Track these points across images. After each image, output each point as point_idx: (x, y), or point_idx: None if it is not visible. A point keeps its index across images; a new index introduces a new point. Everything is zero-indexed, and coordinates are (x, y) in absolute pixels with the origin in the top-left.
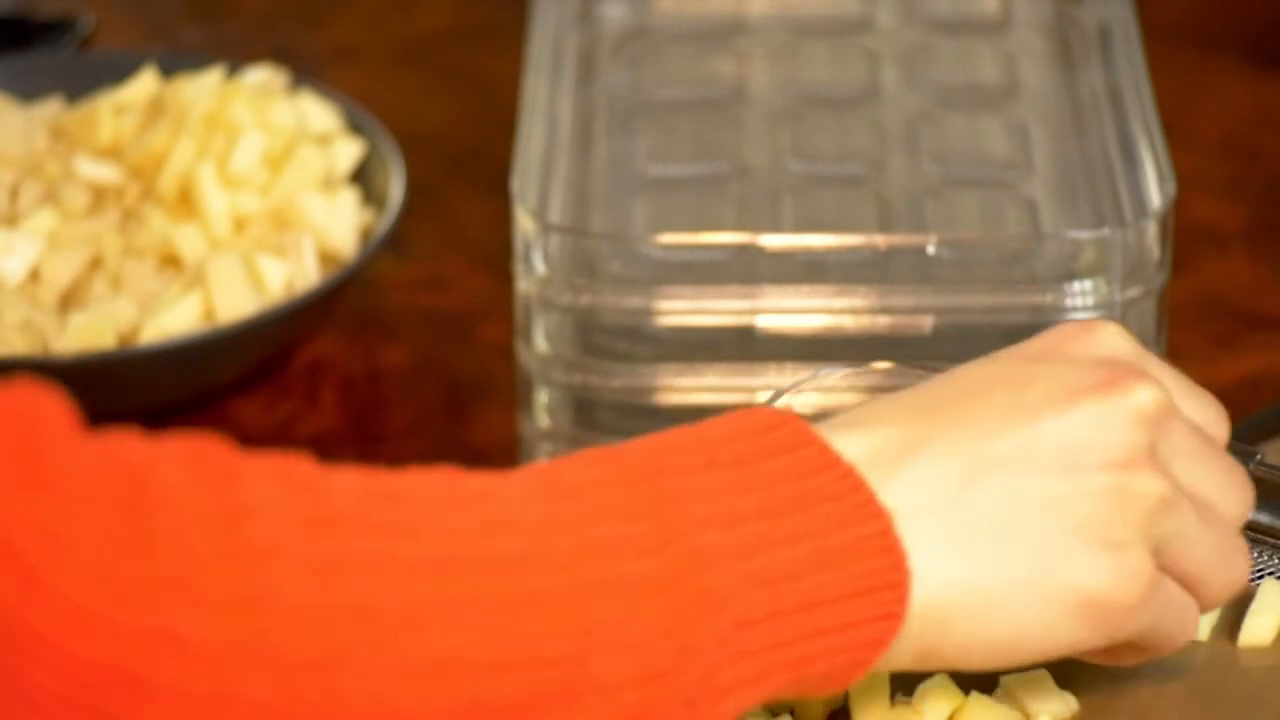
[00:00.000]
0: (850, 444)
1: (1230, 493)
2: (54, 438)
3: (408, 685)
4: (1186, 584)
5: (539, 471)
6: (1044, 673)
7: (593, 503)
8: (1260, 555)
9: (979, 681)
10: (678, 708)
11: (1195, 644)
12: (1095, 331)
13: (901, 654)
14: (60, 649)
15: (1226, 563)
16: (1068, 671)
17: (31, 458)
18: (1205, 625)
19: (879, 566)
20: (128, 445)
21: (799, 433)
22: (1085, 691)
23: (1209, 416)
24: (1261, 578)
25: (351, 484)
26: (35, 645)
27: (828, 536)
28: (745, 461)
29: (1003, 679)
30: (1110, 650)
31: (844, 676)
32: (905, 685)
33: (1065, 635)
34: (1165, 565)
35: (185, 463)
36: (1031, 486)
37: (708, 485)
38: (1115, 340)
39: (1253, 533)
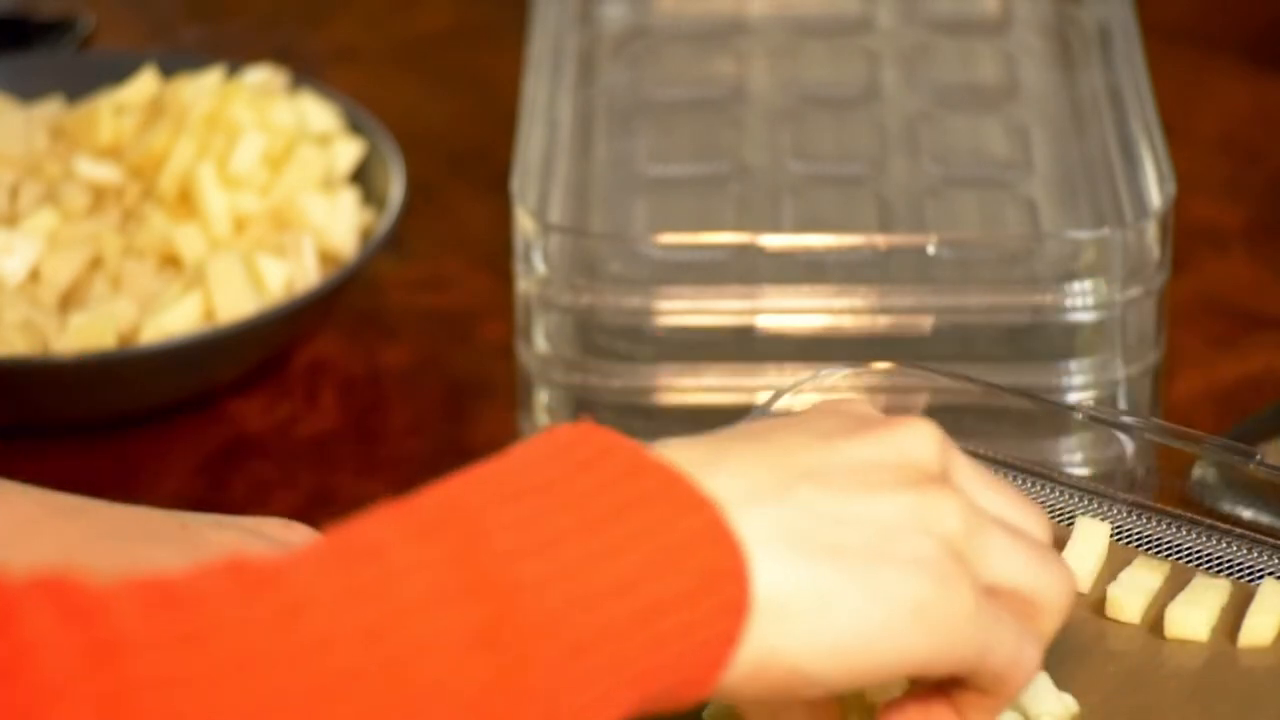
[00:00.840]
0: (657, 453)
1: (1028, 512)
2: None
3: None
4: (1016, 602)
5: (331, 540)
6: (1043, 674)
7: (393, 563)
8: (1260, 555)
9: None
10: None
11: (1195, 644)
12: (851, 402)
13: (744, 660)
14: None
15: (1046, 572)
16: (1068, 671)
17: None
18: (1205, 625)
19: (714, 557)
20: None
21: (604, 441)
22: (1085, 691)
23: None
24: (1261, 578)
25: (129, 598)
26: None
27: (654, 539)
28: (552, 484)
29: None
30: (961, 706)
31: (696, 683)
32: None
33: (905, 641)
34: (989, 586)
35: None
36: (844, 497)
37: (514, 516)
38: (870, 409)
39: (1253, 533)
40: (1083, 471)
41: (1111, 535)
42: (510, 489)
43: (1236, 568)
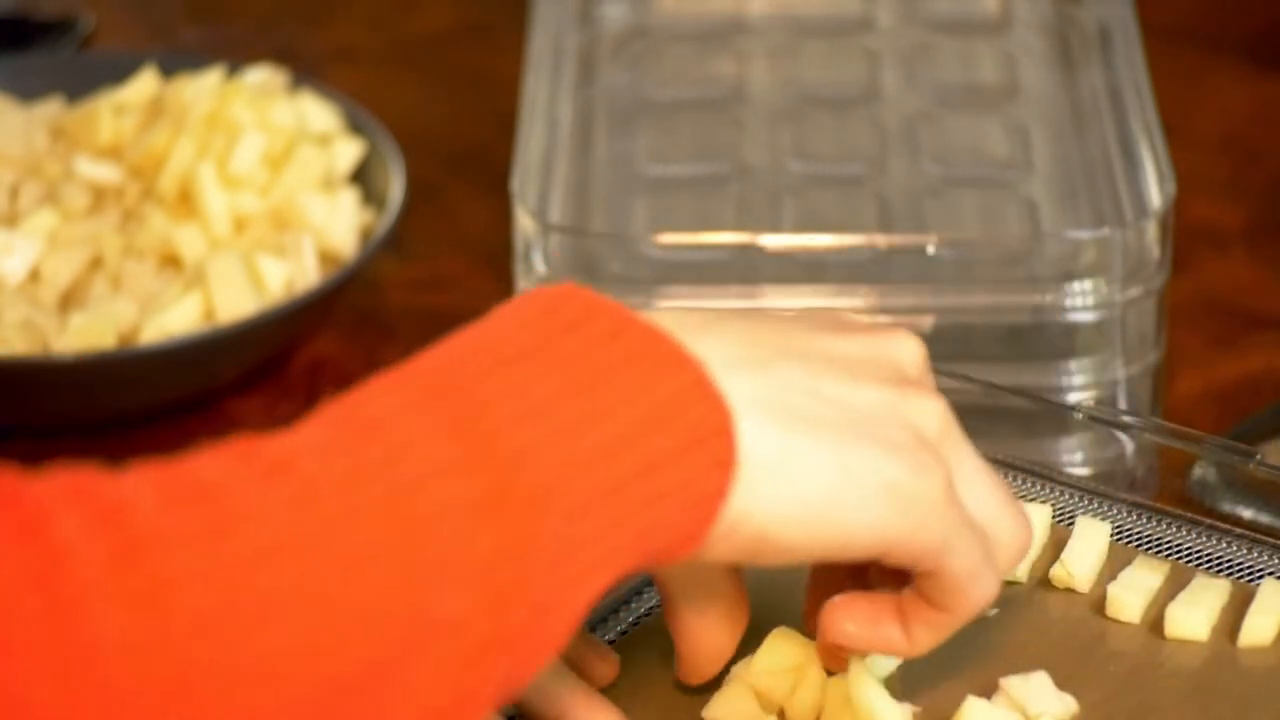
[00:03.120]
0: (644, 317)
1: (997, 484)
2: None
3: (253, 688)
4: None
5: (333, 415)
6: (1043, 674)
7: (395, 437)
8: (1260, 555)
9: (979, 684)
10: (528, 619)
11: (1195, 644)
12: (840, 314)
13: (728, 520)
14: None
15: (1010, 516)
16: (1068, 671)
17: None
18: (1205, 625)
19: (701, 413)
20: None
21: (588, 303)
22: (1085, 691)
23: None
24: (1262, 578)
25: (150, 492)
26: None
27: (643, 398)
28: (539, 348)
29: (1002, 680)
30: (909, 618)
31: (688, 539)
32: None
33: (872, 516)
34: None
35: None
36: (821, 380)
37: (506, 384)
38: (860, 320)
39: (1253, 533)
40: (1083, 471)
41: (1111, 535)
42: (501, 355)
43: (1236, 568)
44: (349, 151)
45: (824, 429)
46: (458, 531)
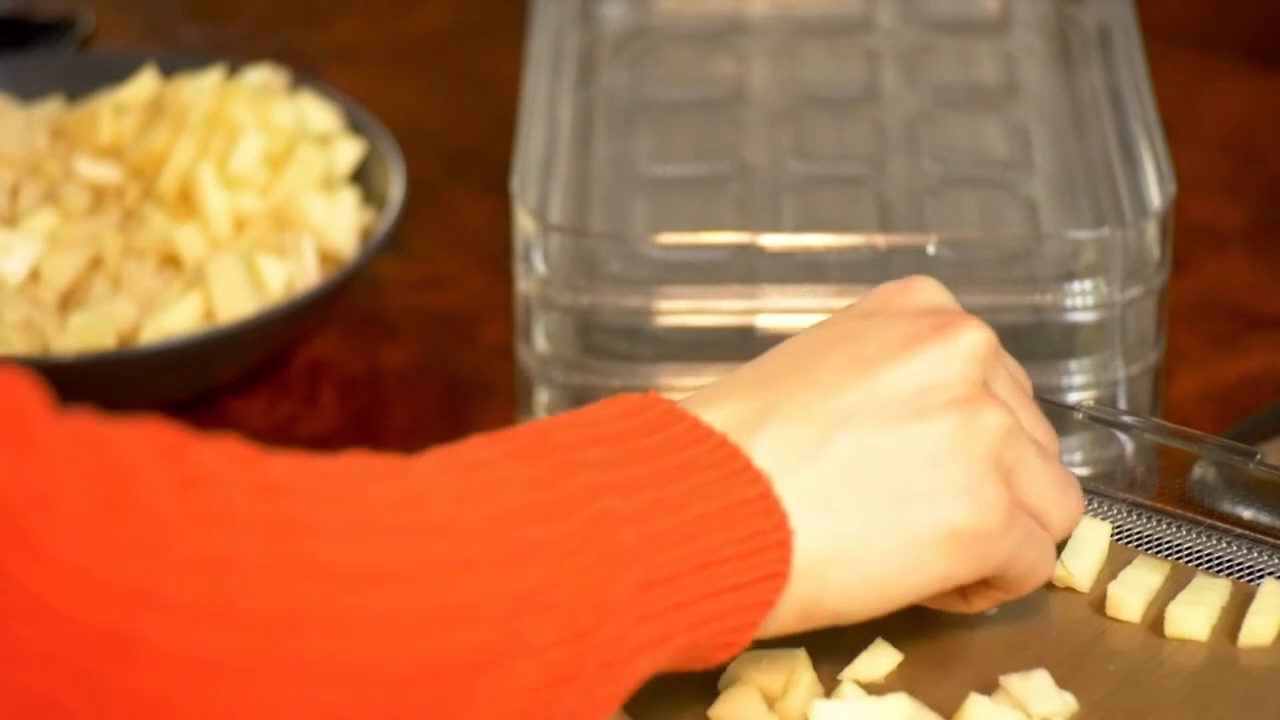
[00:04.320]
0: (711, 417)
1: (1047, 429)
2: (35, 410)
3: (361, 644)
4: (1032, 518)
5: (439, 453)
6: (1044, 672)
7: (497, 476)
8: (1260, 555)
9: (980, 682)
10: (596, 668)
11: (1195, 643)
12: (914, 285)
13: (786, 614)
14: (51, 608)
15: (1065, 494)
16: (1068, 669)
17: (19, 427)
18: (1205, 624)
19: (763, 527)
20: (91, 421)
21: (668, 412)
22: (1085, 689)
23: (1016, 366)
24: (1261, 578)
25: (284, 461)
26: (27, 604)
27: (712, 500)
28: (626, 437)
29: (1002, 678)
30: (969, 593)
31: (734, 640)
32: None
33: (935, 569)
34: (1015, 499)
35: (140, 437)
36: (881, 434)
37: (597, 458)
38: (933, 292)
39: (1253, 533)
40: (1083, 471)
41: (1111, 535)
42: (590, 434)
43: (1236, 567)
44: (349, 151)
45: (882, 501)
46: (548, 564)
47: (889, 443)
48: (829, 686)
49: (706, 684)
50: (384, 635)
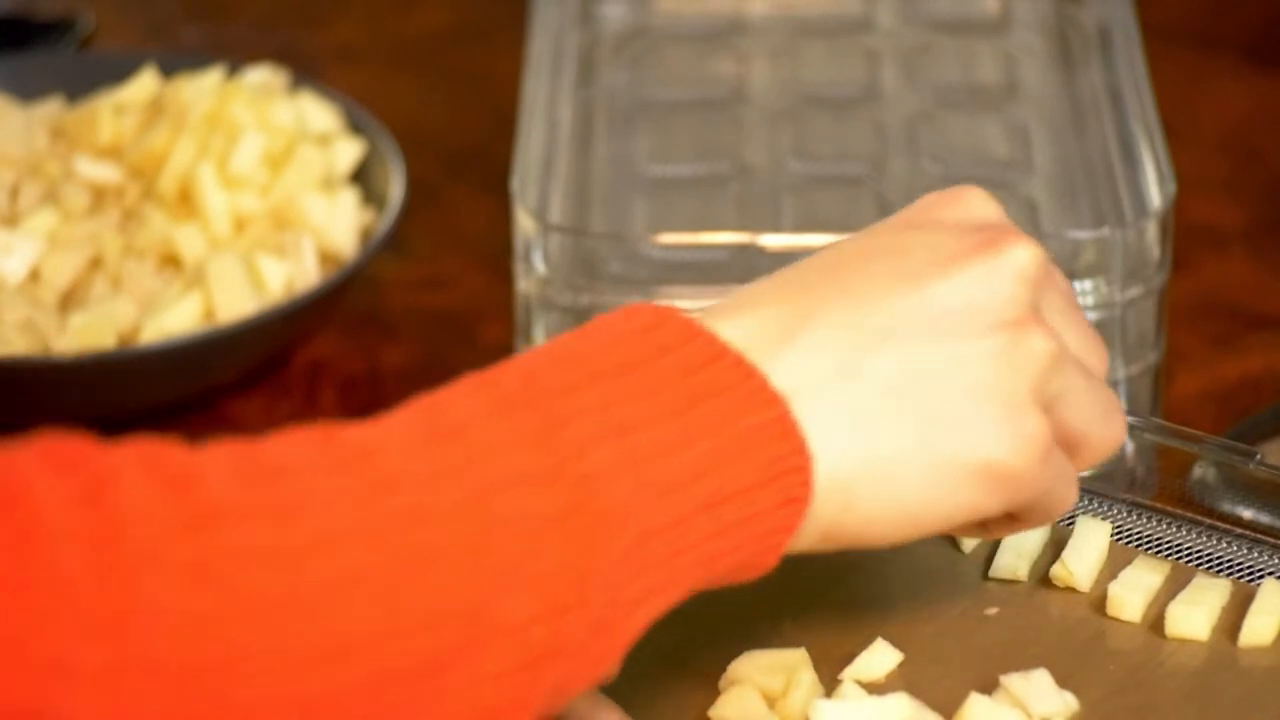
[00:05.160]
0: (734, 329)
1: (1096, 349)
2: None
3: (304, 673)
4: (1070, 441)
5: (418, 412)
6: (1044, 672)
7: (477, 441)
8: (1260, 555)
9: (980, 681)
10: (585, 634)
11: (1195, 643)
12: (962, 196)
13: (806, 535)
14: None
15: (1109, 417)
16: (1069, 669)
17: None
18: (1205, 624)
19: (781, 452)
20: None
21: (683, 328)
22: (1086, 689)
23: (1066, 282)
24: (1262, 578)
25: (224, 467)
26: None
27: (724, 431)
28: (629, 368)
29: (1003, 679)
30: (990, 523)
31: (756, 564)
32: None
33: (966, 500)
34: (1054, 424)
35: (56, 475)
36: (923, 353)
37: (593, 400)
38: (983, 204)
39: (1253, 533)
40: (1083, 471)
41: (1112, 535)
42: (591, 368)
43: (1236, 568)
44: (349, 151)
45: (915, 424)
46: (526, 540)
47: (930, 363)
48: (829, 686)
49: (706, 684)
50: (329, 659)
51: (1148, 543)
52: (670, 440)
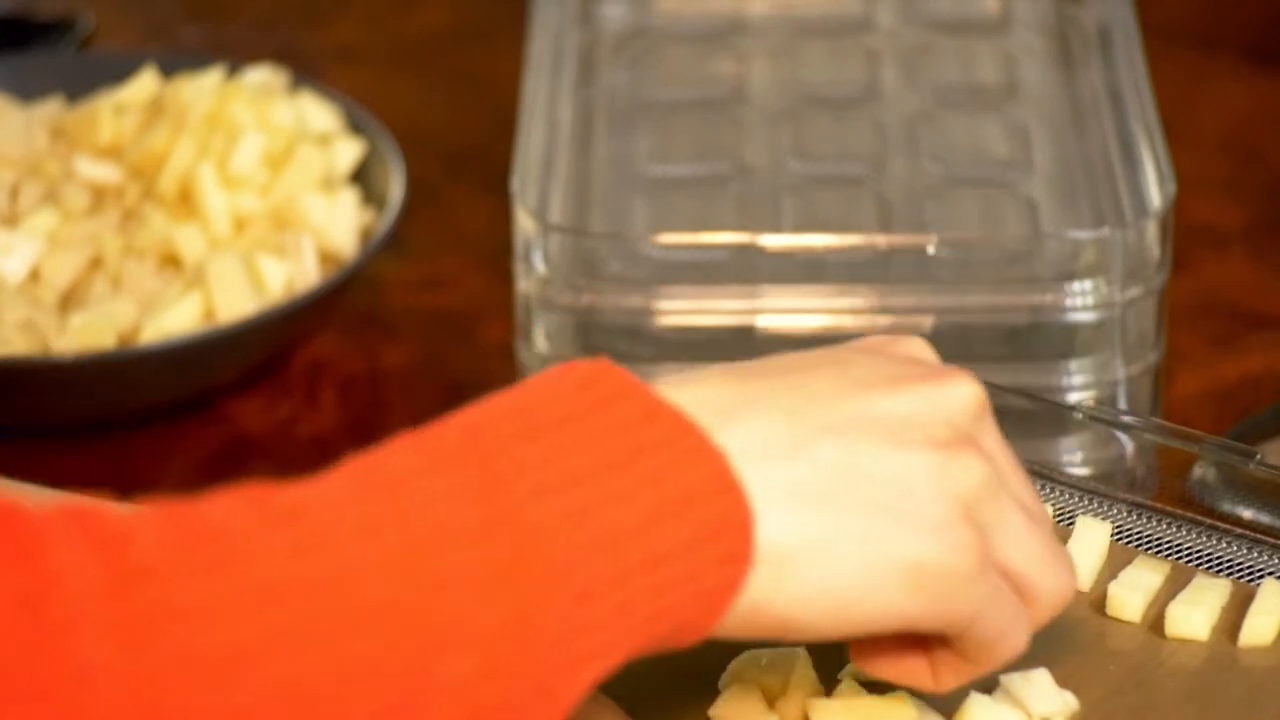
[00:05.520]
0: (679, 396)
1: (1034, 495)
2: None
3: None
4: (1017, 588)
5: (352, 470)
6: (1044, 672)
7: (413, 497)
8: (1260, 555)
9: (980, 681)
10: (531, 695)
11: (1195, 643)
12: (905, 339)
13: (738, 610)
14: None
15: (1053, 566)
16: (1068, 669)
17: None
18: (1205, 624)
19: (720, 507)
20: None
21: (621, 383)
22: (1086, 689)
23: (998, 432)
24: (1262, 578)
25: (154, 527)
26: None
27: (663, 485)
28: (568, 421)
29: (1003, 679)
30: (936, 663)
31: (696, 628)
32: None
33: (895, 601)
34: (997, 564)
35: None
36: (861, 450)
37: (532, 455)
38: (923, 349)
39: (1253, 533)
40: (1083, 471)
41: (1112, 535)
42: (530, 423)
43: (1236, 568)
44: (349, 151)
45: (852, 513)
46: (466, 597)
47: (867, 460)
48: (829, 686)
49: (706, 684)
50: (267, 715)
51: (1148, 543)
52: (610, 496)
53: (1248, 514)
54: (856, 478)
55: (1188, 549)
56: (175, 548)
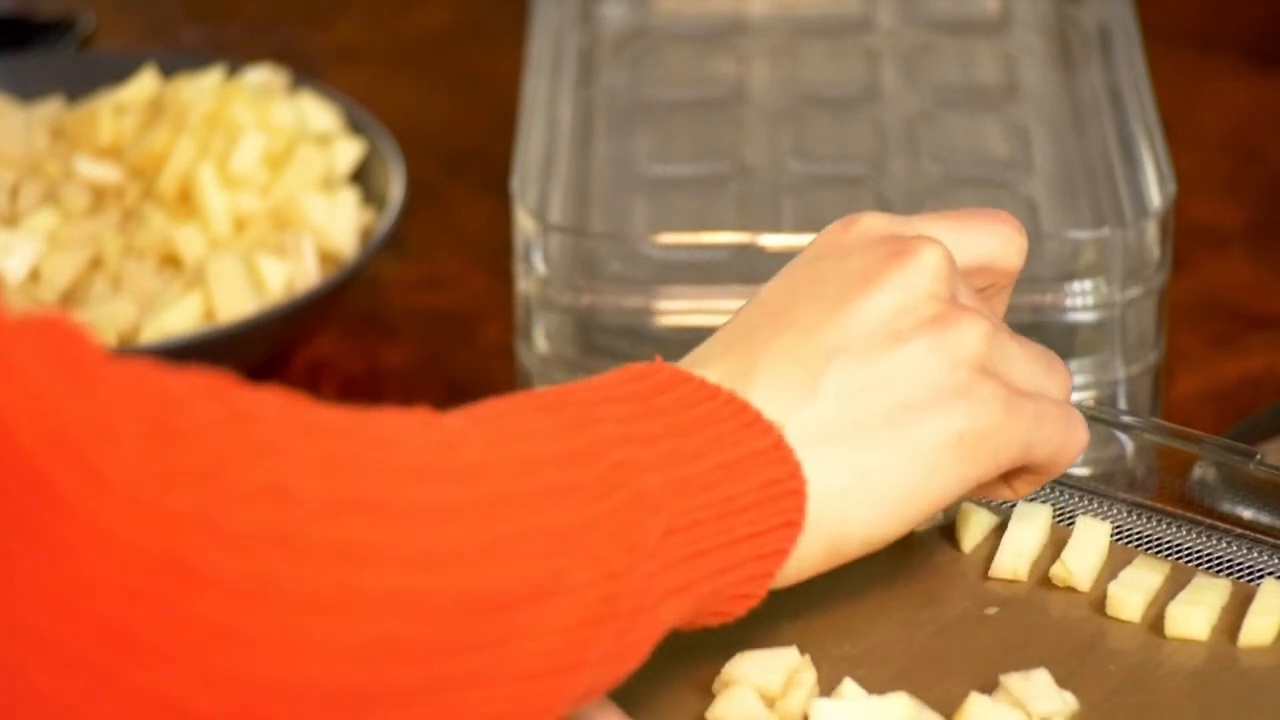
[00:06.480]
0: (709, 377)
1: (1001, 319)
2: (92, 351)
3: (410, 577)
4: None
5: (460, 410)
6: (1044, 672)
7: (521, 426)
8: (1260, 555)
9: (980, 681)
10: (628, 612)
11: (1195, 643)
12: (855, 220)
13: (813, 554)
14: (113, 536)
15: (1051, 370)
16: (1069, 669)
17: (78, 364)
18: (1205, 624)
19: (778, 475)
20: (141, 363)
21: (675, 374)
22: (1086, 689)
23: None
24: (1262, 578)
25: (327, 406)
26: (91, 532)
27: (727, 452)
28: (639, 397)
29: (1003, 678)
30: (1011, 479)
31: (752, 590)
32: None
33: (952, 476)
34: (1012, 389)
35: (188, 379)
36: (867, 363)
37: (614, 413)
38: (874, 221)
39: (1253, 533)
40: (1083, 471)
41: (1112, 535)
42: (608, 394)
43: (1236, 568)
44: (349, 151)
45: (884, 424)
46: (578, 507)
47: (876, 370)
48: (829, 686)
49: (706, 684)
50: (431, 569)
51: (1148, 543)
52: (685, 452)
53: (1248, 514)
54: (873, 389)
55: (1188, 549)
56: (350, 420)
